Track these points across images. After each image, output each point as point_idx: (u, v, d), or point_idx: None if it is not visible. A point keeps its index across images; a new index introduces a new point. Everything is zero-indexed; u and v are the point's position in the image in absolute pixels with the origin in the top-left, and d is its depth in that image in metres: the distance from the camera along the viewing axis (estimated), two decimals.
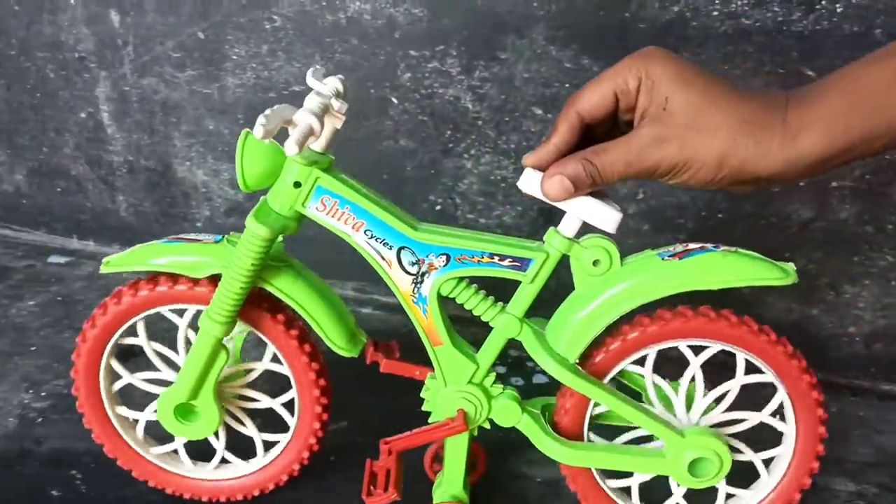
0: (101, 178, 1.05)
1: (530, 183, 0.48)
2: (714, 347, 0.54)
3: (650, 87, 0.44)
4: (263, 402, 0.59)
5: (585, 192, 0.47)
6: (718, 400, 0.55)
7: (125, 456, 0.62)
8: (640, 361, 0.55)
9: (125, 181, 1.04)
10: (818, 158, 0.42)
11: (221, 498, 0.62)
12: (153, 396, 0.58)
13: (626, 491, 0.59)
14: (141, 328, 0.57)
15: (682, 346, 0.54)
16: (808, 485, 0.56)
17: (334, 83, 0.51)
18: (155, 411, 0.58)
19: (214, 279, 0.53)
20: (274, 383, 0.61)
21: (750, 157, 0.42)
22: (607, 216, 0.48)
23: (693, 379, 0.55)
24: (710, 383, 0.55)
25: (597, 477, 0.58)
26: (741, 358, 0.54)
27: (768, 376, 0.54)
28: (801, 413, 0.55)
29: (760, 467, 0.57)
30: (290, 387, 0.58)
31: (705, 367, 0.54)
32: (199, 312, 0.54)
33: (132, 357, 0.60)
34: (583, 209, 0.48)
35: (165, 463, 0.62)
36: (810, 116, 0.41)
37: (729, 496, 0.58)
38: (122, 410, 0.61)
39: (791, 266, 0.51)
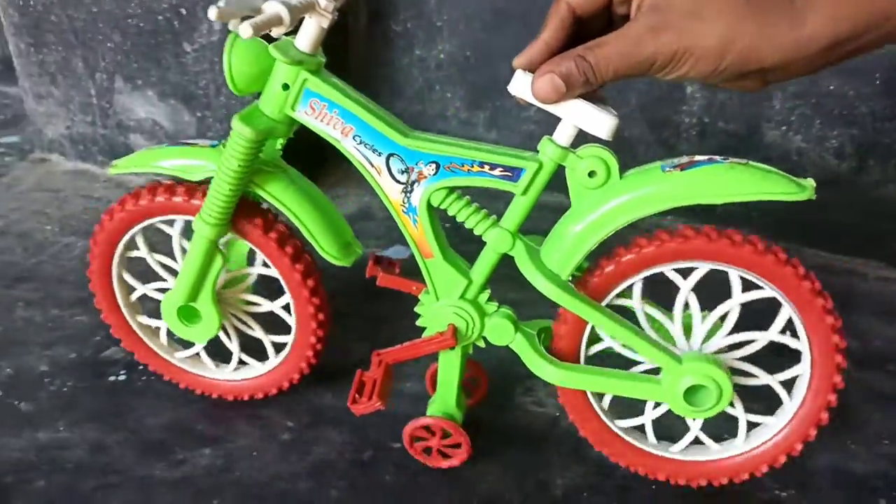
0: (660, 140, 0.93)
1: (520, 86, 0.45)
2: (703, 268, 0.50)
3: None
4: (264, 305, 0.60)
5: (578, 94, 0.44)
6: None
7: (154, 361, 0.65)
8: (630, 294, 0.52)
9: (690, 145, 0.92)
10: (827, 42, 0.38)
11: (245, 396, 0.64)
12: None
13: (641, 430, 0.57)
14: (140, 241, 0.59)
15: (668, 270, 0.51)
16: (834, 402, 0.52)
17: None
18: None
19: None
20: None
21: (755, 41, 0.38)
22: (602, 121, 0.45)
23: (688, 305, 0.52)
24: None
25: (603, 417, 0.56)
26: (734, 275, 0.50)
27: (767, 290, 0.50)
28: (810, 325, 0.50)
29: (780, 390, 0.53)
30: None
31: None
32: (188, 223, 0.56)
33: None
34: (575, 113, 0.45)
35: (191, 366, 0.65)
36: None
37: (752, 425, 0.55)
38: (144, 319, 0.63)
39: (810, 181, 0.46)
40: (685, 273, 0.51)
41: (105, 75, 0.99)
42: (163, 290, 0.60)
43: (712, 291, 0.51)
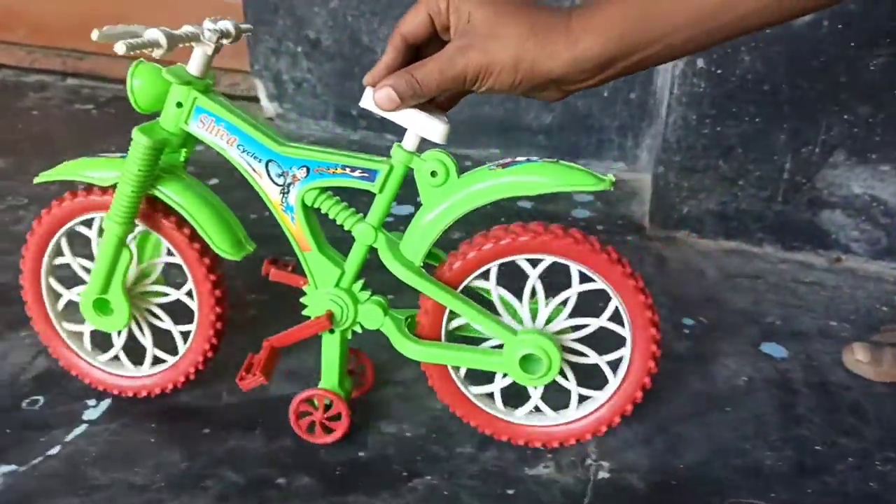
0: None
1: (367, 99, 0.55)
2: (548, 260, 0.58)
3: (456, 7, 0.50)
4: (171, 294, 0.68)
5: (412, 104, 0.53)
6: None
7: (77, 368, 0.72)
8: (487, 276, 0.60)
9: None
10: (598, 59, 0.47)
11: (156, 391, 0.71)
12: None
13: (491, 396, 0.65)
14: (65, 246, 0.67)
15: (520, 260, 0.59)
16: (649, 384, 0.60)
17: (225, 24, 0.59)
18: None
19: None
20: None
21: (538, 57, 0.48)
22: (433, 127, 0.54)
23: (535, 291, 0.60)
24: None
25: (459, 385, 0.63)
26: (574, 269, 0.58)
27: (599, 283, 0.58)
28: (633, 316, 0.59)
29: (606, 368, 0.61)
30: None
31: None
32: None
33: None
34: (413, 121, 0.55)
35: (112, 368, 0.72)
36: (590, 23, 0.47)
37: (582, 398, 0.63)
38: (69, 325, 0.71)
39: (610, 176, 0.55)
40: (534, 263, 0.60)
41: (819, 148, 0.95)
42: None
43: (557, 280, 0.60)
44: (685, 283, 0.94)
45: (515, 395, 0.64)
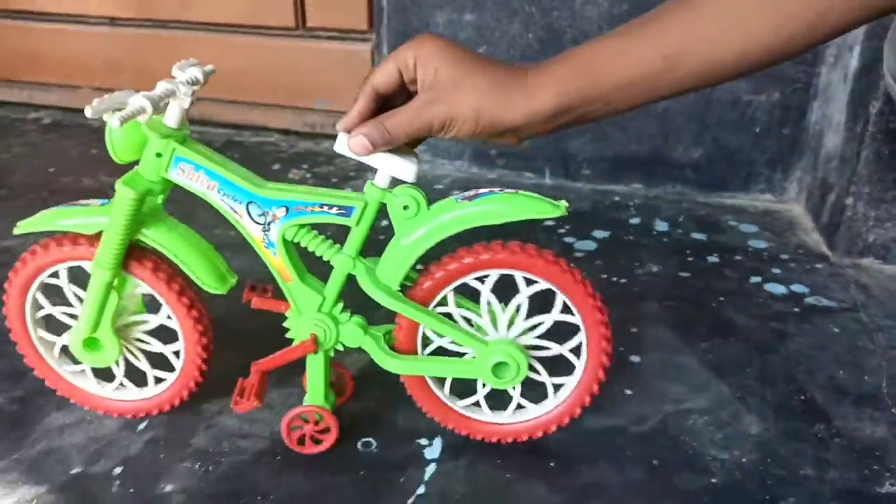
0: None
1: (342, 145, 0.60)
2: (494, 275, 0.65)
3: (424, 63, 0.55)
4: (156, 346, 0.72)
5: (384, 149, 0.59)
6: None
7: (87, 401, 0.75)
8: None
9: None
10: (550, 111, 0.53)
11: (114, 415, 0.75)
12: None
13: (478, 405, 0.72)
14: (63, 273, 0.69)
15: (470, 279, 0.65)
16: (578, 414, 0.69)
17: (194, 72, 0.62)
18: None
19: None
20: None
21: (497, 110, 0.54)
22: (405, 168, 0.60)
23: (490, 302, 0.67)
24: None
25: (437, 392, 0.71)
26: (518, 277, 0.65)
27: (543, 284, 0.65)
28: (579, 306, 0.66)
29: (570, 355, 0.69)
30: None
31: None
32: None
33: None
34: (386, 163, 0.60)
35: (76, 379, 0.75)
36: (543, 80, 0.53)
37: (519, 406, 0.71)
38: (43, 333, 0.73)
39: (563, 202, 0.63)
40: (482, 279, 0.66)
41: None
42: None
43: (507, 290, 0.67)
44: None
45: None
